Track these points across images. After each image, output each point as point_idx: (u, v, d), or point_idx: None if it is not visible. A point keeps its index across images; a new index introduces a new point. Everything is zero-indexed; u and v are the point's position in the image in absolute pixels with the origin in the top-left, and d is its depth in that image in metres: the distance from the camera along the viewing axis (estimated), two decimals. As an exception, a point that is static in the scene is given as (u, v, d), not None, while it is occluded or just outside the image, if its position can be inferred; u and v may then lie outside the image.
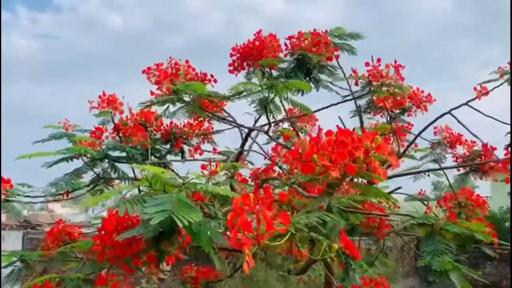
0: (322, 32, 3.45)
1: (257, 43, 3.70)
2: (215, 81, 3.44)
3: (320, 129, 1.57)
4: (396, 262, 8.76)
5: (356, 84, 3.16)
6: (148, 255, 2.35)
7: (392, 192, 4.07)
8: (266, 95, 2.75)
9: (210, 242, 1.60)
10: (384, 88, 3.08)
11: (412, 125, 4.78)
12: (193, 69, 3.44)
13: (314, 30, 3.39)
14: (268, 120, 2.98)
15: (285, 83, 2.65)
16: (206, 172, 2.09)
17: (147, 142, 3.74)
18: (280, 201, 1.64)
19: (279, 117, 3.15)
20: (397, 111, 4.82)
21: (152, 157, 3.98)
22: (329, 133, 1.59)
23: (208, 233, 1.59)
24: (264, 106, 2.76)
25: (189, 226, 1.85)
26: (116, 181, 3.26)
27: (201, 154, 3.83)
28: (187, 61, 3.54)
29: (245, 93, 2.55)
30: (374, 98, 3.22)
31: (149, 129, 4.47)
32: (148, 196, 1.67)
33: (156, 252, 2.34)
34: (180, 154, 4.22)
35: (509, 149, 3.89)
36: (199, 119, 4.31)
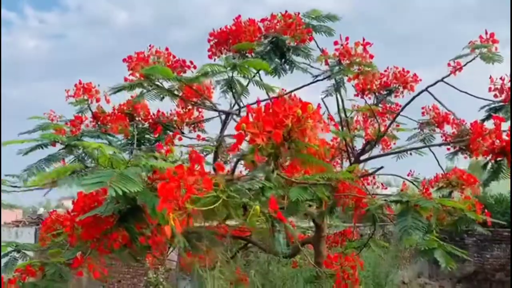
0: (295, 14, 3.46)
1: (233, 27, 3.74)
2: (195, 67, 3.48)
3: (258, 101, 1.60)
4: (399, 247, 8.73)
5: (326, 63, 3.17)
6: (123, 237, 2.41)
7: (374, 172, 4.08)
8: (231, 75, 2.78)
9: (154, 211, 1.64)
10: (355, 68, 3.09)
11: (400, 106, 4.78)
12: (173, 56, 3.49)
13: (286, 12, 3.41)
14: (236, 101, 3.02)
15: (247, 62, 2.68)
16: (162, 151, 2.14)
17: (129, 131, 3.81)
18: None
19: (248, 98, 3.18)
20: (384, 92, 4.86)
21: (143, 147, 4.06)
22: (267, 105, 1.62)
23: (154, 204, 1.64)
24: (230, 86, 2.79)
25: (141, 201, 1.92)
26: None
27: (180, 139, 3.87)
28: (166, 49, 3.59)
29: (210, 73, 2.59)
30: (346, 77, 3.22)
31: (136, 118, 4.55)
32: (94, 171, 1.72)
33: (126, 232, 2.40)
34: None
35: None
36: (188, 108, 4.38)
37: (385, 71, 4.69)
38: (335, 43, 3.15)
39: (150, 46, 3.54)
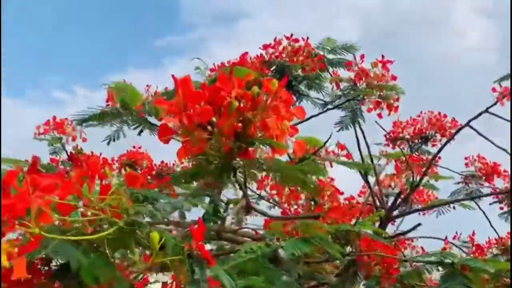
0: (303, 39, 2.98)
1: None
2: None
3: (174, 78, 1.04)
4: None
5: (338, 87, 2.60)
6: None
7: (410, 230, 3.31)
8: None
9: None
10: (375, 92, 2.50)
11: (439, 158, 4.08)
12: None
13: (291, 35, 2.92)
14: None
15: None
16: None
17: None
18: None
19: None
20: (418, 141, 4.20)
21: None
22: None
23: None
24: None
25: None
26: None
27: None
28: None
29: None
30: (365, 107, 2.62)
31: (138, 171, 4.06)
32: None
33: None
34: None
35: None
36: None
37: (419, 116, 4.09)
38: (349, 63, 2.59)
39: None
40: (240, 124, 1.02)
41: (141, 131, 2.61)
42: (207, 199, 1.22)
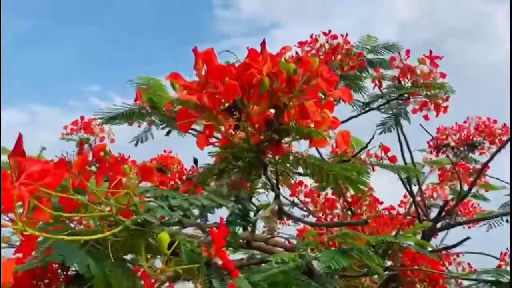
0: (342, 35, 2.79)
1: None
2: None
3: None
4: None
5: (380, 85, 2.39)
6: None
7: (459, 244, 3.04)
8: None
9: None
10: (421, 91, 2.28)
11: (488, 168, 3.77)
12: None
13: (329, 31, 2.74)
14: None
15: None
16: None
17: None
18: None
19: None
20: (464, 148, 3.90)
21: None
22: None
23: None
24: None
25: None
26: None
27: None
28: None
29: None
30: (410, 108, 2.39)
31: (169, 175, 3.96)
32: None
33: None
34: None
35: None
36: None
37: (465, 121, 3.80)
38: (392, 59, 2.38)
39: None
40: (272, 110, 0.86)
41: (169, 131, 2.47)
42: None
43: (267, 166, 0.97)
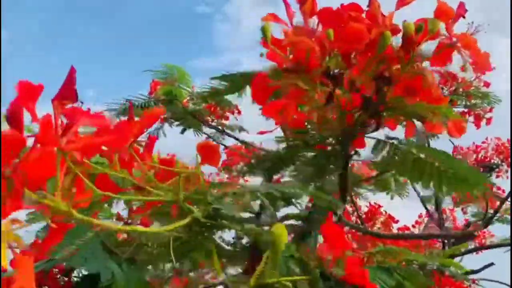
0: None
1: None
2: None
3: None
4: None
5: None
6: None
7: (483, 269, 2.85)
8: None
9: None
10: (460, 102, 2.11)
11: (504, 191, 3.62)
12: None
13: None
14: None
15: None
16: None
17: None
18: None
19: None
20: (481, 170, 3.76)
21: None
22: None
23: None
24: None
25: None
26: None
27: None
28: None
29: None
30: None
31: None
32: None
33: None
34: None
35: None
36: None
37: (483, 142, 3.68)
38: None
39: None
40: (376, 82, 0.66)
41: (184, 129, 2.26)
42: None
43: (349, 159, 0.77)
